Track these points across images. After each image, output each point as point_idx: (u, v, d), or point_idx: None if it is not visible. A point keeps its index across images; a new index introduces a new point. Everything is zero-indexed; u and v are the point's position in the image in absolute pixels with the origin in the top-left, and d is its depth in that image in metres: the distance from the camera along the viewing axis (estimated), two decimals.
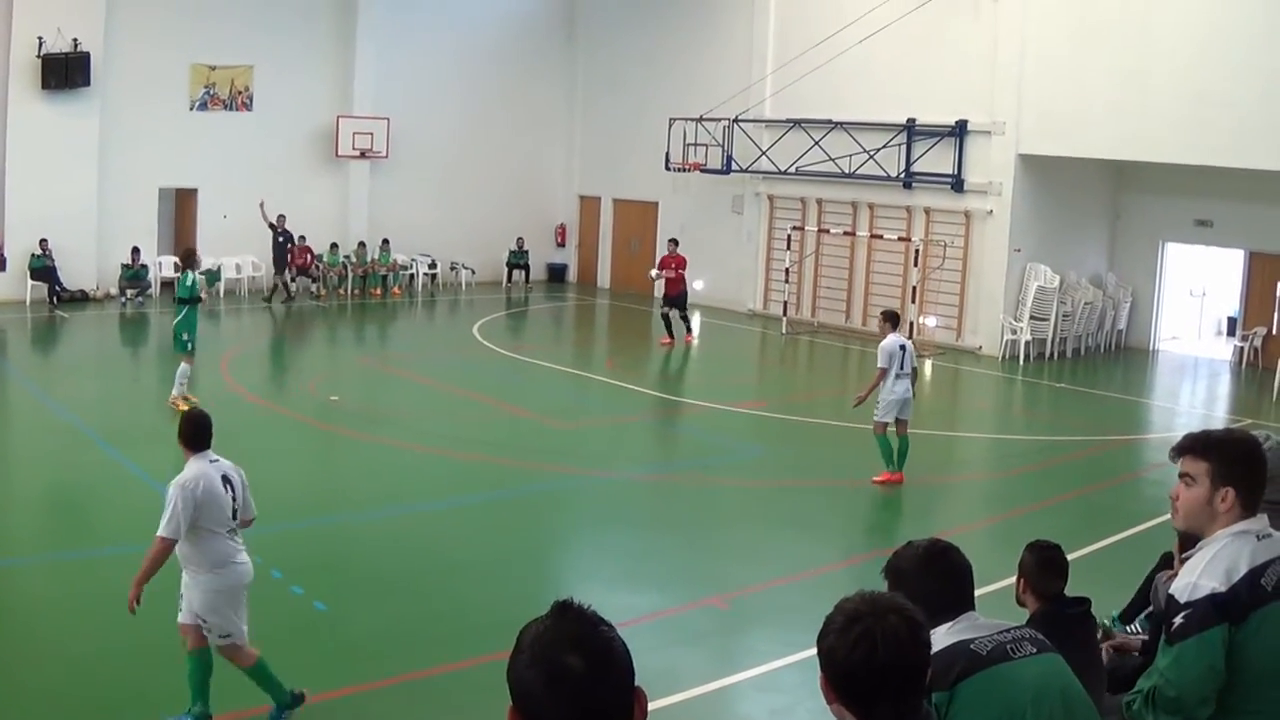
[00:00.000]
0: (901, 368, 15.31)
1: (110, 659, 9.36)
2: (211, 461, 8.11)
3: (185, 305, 18.00)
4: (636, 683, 2.65)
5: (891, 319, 15.88)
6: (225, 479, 8.07)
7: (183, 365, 17.90)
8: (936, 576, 4.23)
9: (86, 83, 28.36)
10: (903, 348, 15.42)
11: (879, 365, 15.43)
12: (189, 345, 18.01)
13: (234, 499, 8.09)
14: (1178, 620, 4.23)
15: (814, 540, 13.42)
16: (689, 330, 26.79)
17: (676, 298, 26.51)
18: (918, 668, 3.14)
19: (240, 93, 31.73)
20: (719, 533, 13.71)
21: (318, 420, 18.32)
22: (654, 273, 28.15)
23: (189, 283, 18.07)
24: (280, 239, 30.27)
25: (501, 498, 14.69)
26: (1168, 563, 8.50)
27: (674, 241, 27.74)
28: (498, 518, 13.89)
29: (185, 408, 13.76)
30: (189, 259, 18.73)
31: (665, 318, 26.57)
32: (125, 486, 14.34)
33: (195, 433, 8.17)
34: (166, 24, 29.85)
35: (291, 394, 20.46)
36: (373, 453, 16.45)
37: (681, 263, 26.78)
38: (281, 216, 30.15)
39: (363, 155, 33.14)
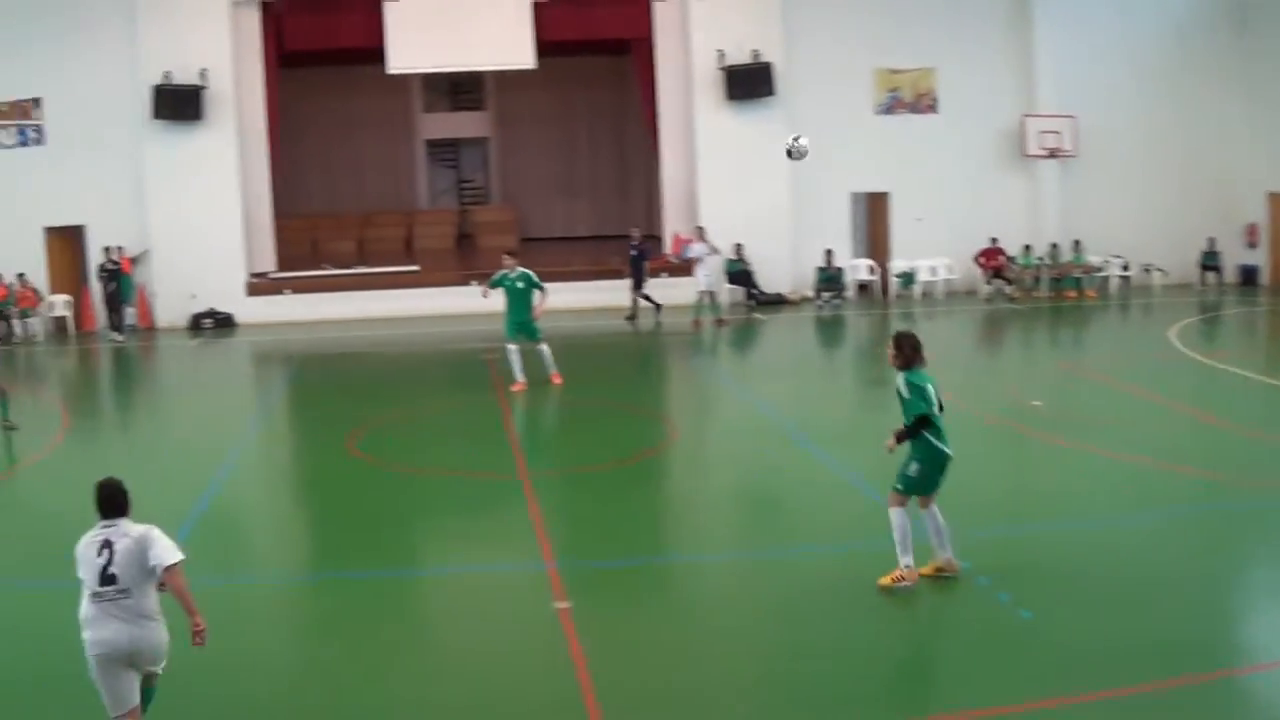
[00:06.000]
0: None
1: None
2: (105, 527, 7.59)
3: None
4: None
5: None
6: (106, 544, 7.50)
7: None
8: None
9: (770, 92, 29.61)
10: None
11: None
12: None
13: (108, 563, 7.48)
14: None
15: None
16: None
17: None
18: None
19: (924, 95, 32.01)
20: None
21: (1018, 425, 17.80)
22: None
23: None
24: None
25: (1206, 511, 13.50)
26: None
27: None
28: (1201, 533, 12.77)
29: None
30: None
31: None
32: (822, 486, 14.70)
33: (96, 503, 7.70)
34: (843, 31, 30.93)
35: (990, 398, 19.94)
36: (1074, 459, 15.73)
37: None
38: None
39: (1051, 155, 32.35)
